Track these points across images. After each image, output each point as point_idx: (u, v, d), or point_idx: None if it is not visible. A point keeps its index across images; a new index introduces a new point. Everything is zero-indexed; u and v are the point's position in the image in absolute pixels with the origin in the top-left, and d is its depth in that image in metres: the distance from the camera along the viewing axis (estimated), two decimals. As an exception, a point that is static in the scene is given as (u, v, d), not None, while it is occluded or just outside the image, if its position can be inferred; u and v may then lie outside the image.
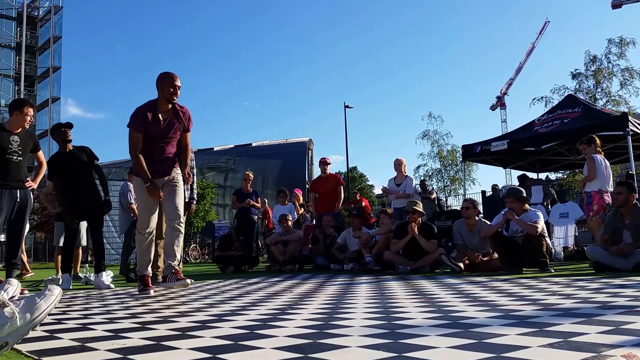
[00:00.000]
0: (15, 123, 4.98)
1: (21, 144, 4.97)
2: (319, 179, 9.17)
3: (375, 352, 1.53)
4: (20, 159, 4.96)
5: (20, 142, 4.97)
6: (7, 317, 1.60)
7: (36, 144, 5.25)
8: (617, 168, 20.21)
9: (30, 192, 5.17)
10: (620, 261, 4.99)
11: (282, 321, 2.28)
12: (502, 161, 11.38)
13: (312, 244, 8.61)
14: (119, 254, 14.96)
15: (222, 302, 3.27)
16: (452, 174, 26.02)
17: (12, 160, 4.90)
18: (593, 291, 3.14)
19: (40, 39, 44.13)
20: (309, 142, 43.75)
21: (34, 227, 23.34)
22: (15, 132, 4.97)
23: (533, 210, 5.79)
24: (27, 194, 5.06)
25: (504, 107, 65.80)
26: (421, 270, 6.09)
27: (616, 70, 22.08)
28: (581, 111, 9.15)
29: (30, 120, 5.11)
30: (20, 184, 4.96)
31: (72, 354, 1.68)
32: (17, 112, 4.97)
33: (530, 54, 65.49)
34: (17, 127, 4.99)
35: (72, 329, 2.29)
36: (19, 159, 4.96)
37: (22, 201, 4.97)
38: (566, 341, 1.58)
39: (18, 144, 4.94)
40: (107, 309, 3.15)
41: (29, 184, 5.07)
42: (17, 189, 4.93)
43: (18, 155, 4.94)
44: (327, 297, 3.39)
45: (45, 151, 39.75)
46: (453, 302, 2.78)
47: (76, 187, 5.62)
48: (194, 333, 2.02)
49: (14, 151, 4.90)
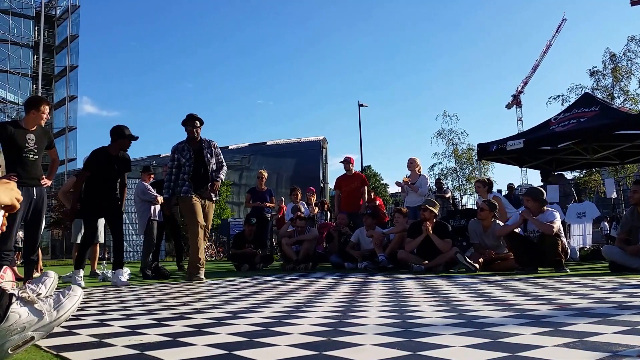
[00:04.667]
0: (32, 121, 4.98)
1: (37, 142, 4.96)
2: (344, 177, 9.00)
3: (390, 350, 1.53)
4: (36, 157, 4.96)
5: (36, 140, 4.96)
6: (37, 312, 1.64)
7: (51, 141, 5.24)
8: (635, 167, 19.94)
9: (45, 189, 5.18)
10: (637, 261, 4.93)
11: (297, 319, 2.29)
12: (518, 160, 11.28)
13: (327, 242, 8.62)
14: (135, 251, 15.13)
15: (237, 300, 3.29)
16: (468, 172, 25.82)
17: (29, 159, 4.90)
18: (609, 291, 3.11)
19: (58, 37, 44.66)
20: (323, 140, 43.75)
21: (51, 224, 23.62)
22: (32, 130, 4.96)
23: (550, 210, 5.74)
24: (42, 191, 5.07)
25: (520, 105, 65.31)
26: (435, 269, 6.06)
27: (634, 68, 21.74)
28: (598, 110, 9.03)
29: (47, 117, 5.11)
30: (36, 182, 4.96)
31: (89, 350, 1.71)
32: (34, 110, 4.96)
33: (546, 51, 64.92)
34: (33, 125, 4.99)
35: (89, 325, 2.32)
36: (35, 157, 4.95)
37: (39, 199, 4.98)
38: (582, 341, 1.57)
39: (34, 142, 4.93)
40: (124, 305, 3.19)
41: (44, 182, 5.07)
42: (34, 186, 4.93)
43: (34, 154, 4.93)
44: (341, 295, 3.39)
45: (62, 150, 40.40)
46: (468, 301, 2.77)
47: (106, 188, 5.63)
48: (209, 330, 2.05)
49: (30, 150, 4.90)
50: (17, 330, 1.58)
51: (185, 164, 5.86)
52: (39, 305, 1.65)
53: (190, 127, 5.92)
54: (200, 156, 5.91)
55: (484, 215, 6.17)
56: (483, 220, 6.19)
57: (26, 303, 1.64)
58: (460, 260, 5.80)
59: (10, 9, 40.05)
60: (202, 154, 5.92)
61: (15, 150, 4.84)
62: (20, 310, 1.60)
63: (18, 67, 40.14)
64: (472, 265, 5.71)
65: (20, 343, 1.60)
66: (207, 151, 5.95)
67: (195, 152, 5.91)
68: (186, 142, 5.97)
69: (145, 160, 37.55)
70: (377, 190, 40.68)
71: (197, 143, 5.97)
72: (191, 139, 5.96)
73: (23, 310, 1.61)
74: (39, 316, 1.64)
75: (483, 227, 6.20)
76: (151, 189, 7.94)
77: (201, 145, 5.96)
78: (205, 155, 5.92)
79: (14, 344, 1.59)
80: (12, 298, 1.61)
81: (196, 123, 5.94)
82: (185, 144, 5.96)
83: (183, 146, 5.95)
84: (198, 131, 5.96)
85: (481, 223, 6.22)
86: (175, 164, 5.91)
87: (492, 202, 6.47)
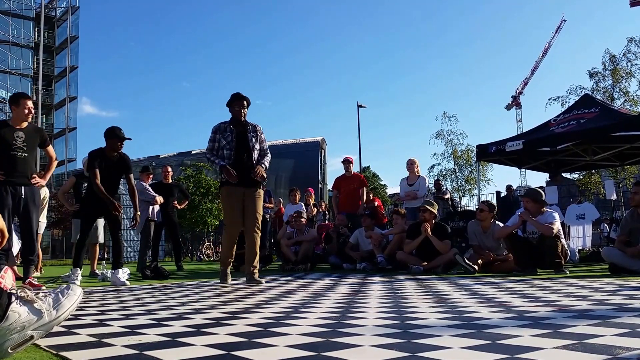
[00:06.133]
0: (17, 118, 4.93)
1: (26, 139, 4.90)
2: (342, 178, 9.01)
3: (388, 352, 1.53)
4: (25, 155, 4.90)
5: (26, 137, 4.90)
6: (36, 311, 1.64)
7: (44, 139, 5.17)
8: (634, 168, 19.96)
9: (38, 188, 5.11)
10: (637, 263, 4.93)
11: (296, 319, 2.29)
12: (517, 161, 11.29)
13: (326, 243, 8.62)
14: (135, 251, 15.14)
15: (235, 300, 3.29)
16: (467, 174, 25.84)
17: (17, 157, 4.84)
18: (609, 293, 3.11)
19: (58, 38, 44.69)
20: (322, 141, 43.76)
21: (51, 225, 23.62)
22: (20, 128, 4.90)
23: (549, 211, 5.74)
24: (33, 190, 4.99)
25: (520, 106, 65.33)
26: (434, 270, 6.06)
27: (634, 69, 21.78)
28: (598, 111, 9.04)
29: (30, 111, 5.02)
30: (25, 180, 4.89)
31: (89, 349, 1.71)
32: (14, 106, 4.93)
33: (546, 53, 64.95)
34: (20, 122, 4.94)
35: (89, 324, 2.32)
36: (24, 155, 4.89)
37: (28, 198, 4.91)
38: (581, 343, 1.57)
39: (23, 140, 4.87)
40: (123, 305, 3.19)
41: (35, 181, 4.99)
42: (22, 185, 4.87)
43: (23, 152, 4.87)
44: (339, 296, 3.39)
45: (62, 150, 40.37)
46: (466, 303, 2.78)
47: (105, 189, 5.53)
48: (208, 330, 2.05)
49: (18, 147, 4.85)
50: (17, 329, 1.59)
51: (226, 146, 5.19)
52: (38, 304, 1.65)
53: (237, 107, 5.25)
54: (244, 140, 5.24)
55: (483, 216, 6.17)
56: (482, 222, 6.19)
57: (25, 302, 1.64)
58: (459, 261, 5.80)
59: (10, 10, 40.08)
60: (246, 137, 5.25)
61: (3, 148, 4.80)
62: (19, 309, 1.60)
63: (18, 68, 40.17)
64: (471, 266, 5.72)
65: (20, 342, 1.61)
66: (252, 135, 5.28)
67: (238, 134, 5.24)
68: (229, 124, 5.29)
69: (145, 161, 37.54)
70: (376, 191, 40.67)
71: (241, 125, 5.29)
72: (235, 121, 5.29)
73: (22, 310, 1.61)
74: (38, 315, 1.64)
75: (482, 229, 6.21)
76: (150, 189, 7.94)
77: (246, 128, 5.29)
78: (250, 140, 5.25)
79: (14, 343, 1.59)
80: (12, 297, 1.61)
81: (243, 103, 5.28)
82: (228, 124, 5.28)
83: (226, 126, 5.27)
84: (245, 112, 5.30)
85: (480, 224, 6.22)
86: (215, 145, 5.24)
87: (491, 203, 6.49)
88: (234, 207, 5.19)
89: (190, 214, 22.73)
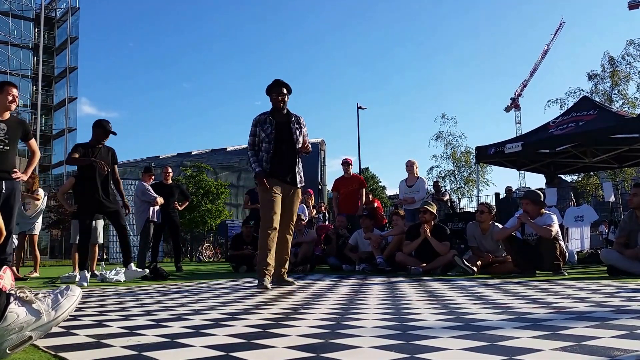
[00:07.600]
0: (0, 107, 4.73)
1: (8, 132, 4.70)
2: (342, 179, 9.01)
3: (387, 353, 1.53)
4: (7, 148, 4.69)
5: (8, 130, 4.70)
6: (35, 312, 1.64)
7: (27, 132, 4.97)
8: (633, 170, 19.99)
9: (19, 183, 4.92)
10: (635, 265, 4.93)
11: (295, 321, 2.29)
12: (516, 163, 11.30)
13: (325, 244, 8.62)
14: (134, 252, 15.12)
15: (235, 301, 3.29)
16: (466, 175, 25.88)
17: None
18: (607, 295, 3.12)
19: (58, 39, 44.69)
20: (321, 143, 43.79)
21: (50, 225, 23.61)
22: (2, 120, 4.71)
23: (548, 213, 5.74)
24: (14, 185, 4.79)
25: (519, 108, 65.33)
26: (433, 272, 6.07)
27: (633, 72, 21.83)
28: (596, 113, 9.06)
29: (14, 99, 4.84)
30: (6, 174, 4.70)
31: (87, 350, 1.71)
32: None
33: (545, 55, 64.97)
34: (3, 111, 4.74)
35: (87, 325, 2.32)
36: (6, 148, 4.69)
37: (8, 193, 4.72)
38: (579, 345, 1.58)
39: (5, 132, 4.68)
40: (122, 306, 3.19)
41: (16, 175, 4.80)
42: (3, 179, 4.68)
43: (5, 145, 4.68)
44: (339, 297, 3.39)
45: (61, 151, 40.30)
46: (465, 304, 2.78)
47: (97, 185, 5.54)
48: (207, 331, 2.05)
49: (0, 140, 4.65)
50: (15, 329, 1.59)
51: (265, 139, 4.75)
52: (37, 305, 1.65)
53: (276, 94, 4.81)
54: (285, 131, 4.81)
55: (482, 217, 6.18)
56: (481, 223, 6.19)
57: (24, 303, 1.64)
58: (459, 263, 5.80)
59: (10, 11, 40.11)
60: (288, 128, 4.83)
61: None
62: (18, 309, 1.60)
63: (18, 69, 40.15)
64: (470, 268, 5.72)
65: (18, 343, 1.61)
66: (294, 127, 4.85)
67: (278, 125, 4.81)
68: (269, 115, 4.86)
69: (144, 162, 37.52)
70: (375, 193, 40.71)
71: (282, 116, 4.87)
72: (275, 111, 4.87)
73: (21, 310, 1.61)
74: (37, 316, 1.64)
75: (481, 230, 6.21)
76: (151, 190, 7.94)
77: (288, 119, 4.87)
78: (294, 132, 4.82)
79: (12, 344, 1.59)
80: (10, 297, 1.61)
81: (283, 90, 4.84)
82: (268, 116, 4.85)
83: (265, 118, 4.83)
84: (285, 100, 4.86)
85: (479, 226, 6.22)
86: (256, 140, 4.82)
87: (490, 205, 6.49)
88: (274, 206, 4.69)
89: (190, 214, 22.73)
